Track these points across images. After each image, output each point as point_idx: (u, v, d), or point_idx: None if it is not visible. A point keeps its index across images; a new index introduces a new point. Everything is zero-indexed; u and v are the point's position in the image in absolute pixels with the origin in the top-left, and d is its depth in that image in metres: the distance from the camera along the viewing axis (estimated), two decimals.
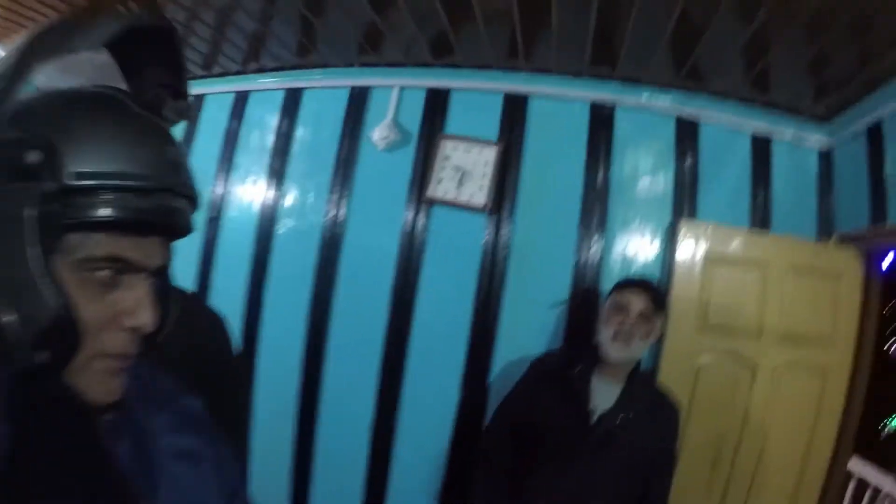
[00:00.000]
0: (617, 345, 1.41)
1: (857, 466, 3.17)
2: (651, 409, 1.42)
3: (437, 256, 1.99)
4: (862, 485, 3.22)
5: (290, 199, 2.22)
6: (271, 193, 2.25)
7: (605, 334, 1.44)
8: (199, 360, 0.97)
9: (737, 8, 1.41)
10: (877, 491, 3.16)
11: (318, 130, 2.23)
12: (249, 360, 2.11)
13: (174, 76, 0.49)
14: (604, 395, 1.43)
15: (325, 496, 2.07)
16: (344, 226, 2.10)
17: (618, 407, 1.40)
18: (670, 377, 1.70)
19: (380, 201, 2.07)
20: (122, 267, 0.43)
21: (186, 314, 1.11)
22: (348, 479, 2.02)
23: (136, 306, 0.44)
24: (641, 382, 1.46)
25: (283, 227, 2.21)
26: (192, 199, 0.48)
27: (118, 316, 0.43)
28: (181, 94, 0.49)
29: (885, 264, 2.05)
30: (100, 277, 0.41)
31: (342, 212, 2.11)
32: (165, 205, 0.44)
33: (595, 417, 1.40)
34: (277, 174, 2.25)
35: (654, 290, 1.46)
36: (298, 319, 2.11)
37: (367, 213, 2.09)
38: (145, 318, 0.44)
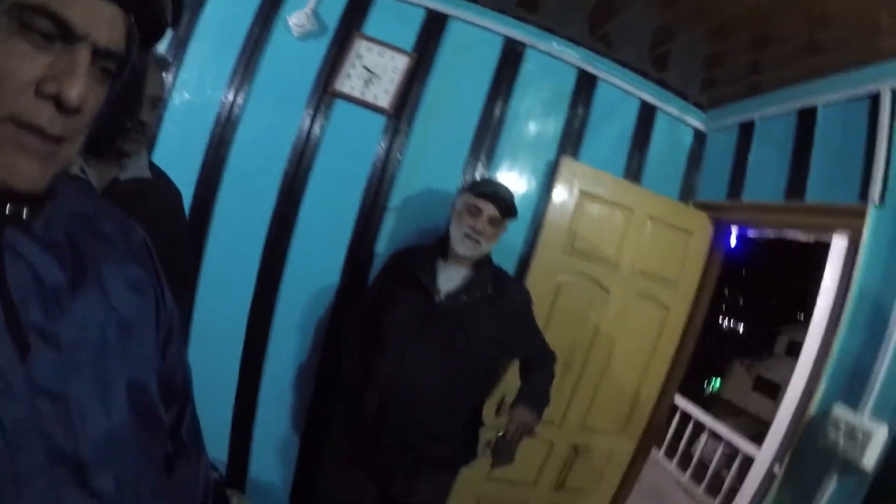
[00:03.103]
0: (467, 243, 1.49)
1: (683, 403, 4.30)
2: (498, 290, 1.53)
3: (333, 149, 1.99)
4: (685, 417, 4.37)
5: (189, 72, 2.10)
6: (170, 63, 2.12)
7: (456, 232, 1.51)
8: (159, 221, 1.04)
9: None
10: (698, 425, 4.24)
11: (233, 4, 2.13)
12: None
13: None
14: (449, 277, 1.52)
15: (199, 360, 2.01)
16: (243, 107, 2.04)
17: (463, 289, 1.49)
18: (534, 289, 1.82)
19: (284, 87, 2.02)
20: (58, 29, 0.36)
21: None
22: (224, 351, 2.01)
23: (65, 73, 0.37)
24: (489, 270, 1.57)
25: (177, 98, 2.09)
26: None
27: (42, 80, 0.37)
28: None
29: (732, 241, 2.36)
30: (28, 32, 0.36)
31: (242, 92, 2.04)
32: None
33: (441, 297, 1.47)
34: (180, 43, 2.12)
35: (505, 198, 1.52)
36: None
37: (268, 96, 2.03)
38: (72, 88, 0.37)
